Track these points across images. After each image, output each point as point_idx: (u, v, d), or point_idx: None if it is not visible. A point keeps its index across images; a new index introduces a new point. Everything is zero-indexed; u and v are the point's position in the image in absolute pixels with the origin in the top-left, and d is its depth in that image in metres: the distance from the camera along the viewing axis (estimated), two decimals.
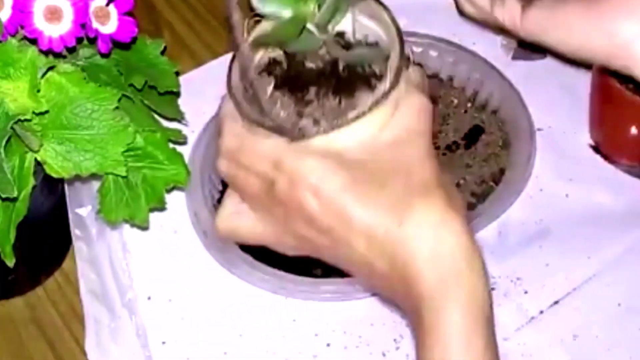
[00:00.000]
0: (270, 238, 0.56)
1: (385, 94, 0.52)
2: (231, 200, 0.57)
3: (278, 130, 0.52)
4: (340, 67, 0.55)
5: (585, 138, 0.74)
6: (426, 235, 0.49)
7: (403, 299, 0.52)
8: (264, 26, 0.56)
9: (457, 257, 0.50)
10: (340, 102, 0.54)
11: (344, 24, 0.57)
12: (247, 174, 0.54)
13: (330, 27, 0.55)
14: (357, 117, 0.51)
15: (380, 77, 0.54)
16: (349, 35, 0.56)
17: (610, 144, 0.73)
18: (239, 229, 0.57)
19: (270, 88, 0.55)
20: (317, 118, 0.53)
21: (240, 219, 0.56)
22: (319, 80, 0.55)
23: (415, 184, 0.51)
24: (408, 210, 0.50)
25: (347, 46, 0.56)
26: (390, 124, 0.53)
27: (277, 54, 0.57)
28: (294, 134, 0.52)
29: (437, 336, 0.49)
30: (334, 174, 0.51)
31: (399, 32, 0.55)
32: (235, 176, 0.55)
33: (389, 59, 0.54)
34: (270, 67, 0.57)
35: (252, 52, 0.56)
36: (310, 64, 0.54)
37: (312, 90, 0.54)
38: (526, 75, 0.74)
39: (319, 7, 0.54)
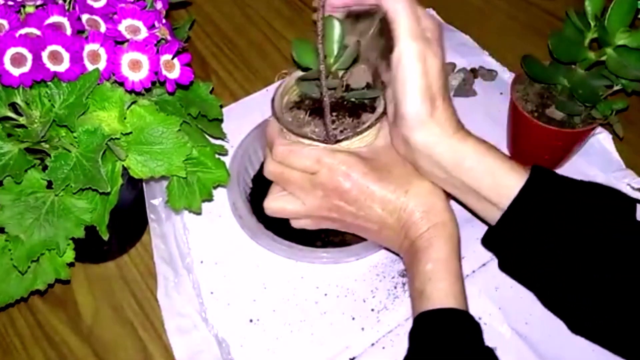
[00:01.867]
0: (307, 212, 0.59)
1: (382, 114, 0.58)
2: (276, 190, 0.60)
3: (319, 138, 0.56)
4: (346, 101, 0.60)
5: (503, 151, 0.74)
6: (422, 199, 0.55)
7: (403, 241, 0.56)
8: (293, 76, 0.62)
9: (443, 212, 0.55)
10: (352, 120, 0.58)
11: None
12: (292, 170, 0.57)
13: (340, 75, 0.60)
14: (369, 127, 0.57)
15: (372, 107, 0.59)
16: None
17: (521, 155, 0.73)
18: (285, 207, 0.60)
19: (305, 116, 0.59)
20: (341, 130, 0.58)
21: (285, 200, 0.60)
22: (336, 109, 0.59)
23: (411, 170, 0.56)
24: (409, 185, 0.55)
25: (349, 89, 0.61)
26: (380, 134, 0.58)
27: (295, 97, 0.62)
28: (330, 140, 0.56)
29: (428, 257, 0.53)
30: (357, 164, 0.55)
31: (383, 83, 0.59)
32: (282, 173, 0.58)
33: (378, 97, 0.59)
34: (296, 104, 0.61)
35: (282, 96, 0.61)
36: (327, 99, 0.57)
37: (334, 114, 0.58)
38: (463, 108, 0.73)
39: (336, 63, 0.58)
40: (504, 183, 0.53)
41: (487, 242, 0.57)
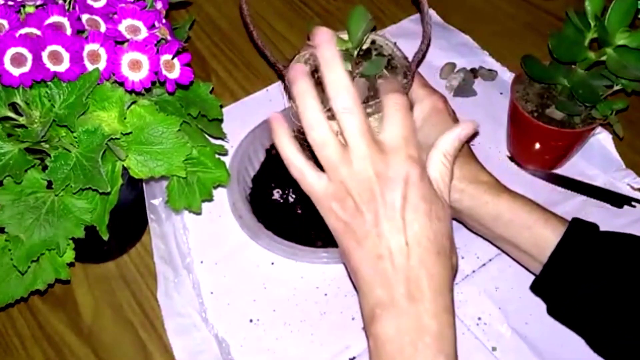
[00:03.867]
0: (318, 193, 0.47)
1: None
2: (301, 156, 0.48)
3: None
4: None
5: (504, 151, 0.74)
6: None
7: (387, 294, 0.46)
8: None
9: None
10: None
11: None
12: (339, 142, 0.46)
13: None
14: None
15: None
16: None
17: (521, 155, 0.73)
18: (305, 174, 0.47)
19: None
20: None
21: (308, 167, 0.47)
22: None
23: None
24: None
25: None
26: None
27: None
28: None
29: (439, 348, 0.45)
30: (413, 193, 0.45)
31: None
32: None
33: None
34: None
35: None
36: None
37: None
38: (463, 108, 0.74)
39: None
40: (542, 236, 0.55)
41: (535, 290, 0.58)
